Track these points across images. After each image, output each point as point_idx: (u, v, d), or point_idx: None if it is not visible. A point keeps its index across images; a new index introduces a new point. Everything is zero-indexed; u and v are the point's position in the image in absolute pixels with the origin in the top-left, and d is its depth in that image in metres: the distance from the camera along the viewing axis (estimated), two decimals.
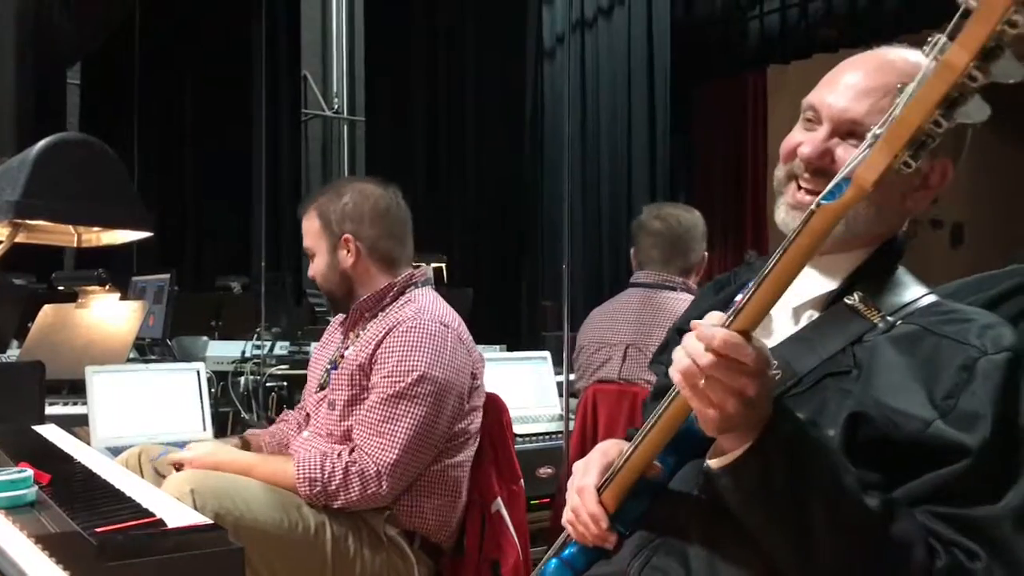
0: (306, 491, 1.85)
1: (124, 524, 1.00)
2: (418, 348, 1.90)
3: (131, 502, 1.14)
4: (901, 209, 1.15)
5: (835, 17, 5.85)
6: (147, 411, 2.60)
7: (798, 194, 1.15)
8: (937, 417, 0.97)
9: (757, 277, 0.92)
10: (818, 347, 1.08)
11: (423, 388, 1.89)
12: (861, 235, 1.13)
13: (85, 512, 1.08)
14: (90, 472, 1.37)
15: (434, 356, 1.91)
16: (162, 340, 3.63)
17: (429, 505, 1.96)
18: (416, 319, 1.94)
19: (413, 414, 1.88)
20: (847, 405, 1.01)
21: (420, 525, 1.96)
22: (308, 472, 1.86)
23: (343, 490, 1.85)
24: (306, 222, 2.14)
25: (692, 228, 2.76)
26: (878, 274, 1.14)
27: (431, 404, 1.89)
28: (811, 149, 1.13)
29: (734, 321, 0.92)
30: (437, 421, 1.91)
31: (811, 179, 1.13)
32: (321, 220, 2.10)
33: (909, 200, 1.14)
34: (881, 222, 1.13)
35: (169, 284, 3.73)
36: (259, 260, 4.68)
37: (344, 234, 2.07)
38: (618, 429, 2.30)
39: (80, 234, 1.72)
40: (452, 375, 1.93)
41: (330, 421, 2.00)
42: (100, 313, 3.12)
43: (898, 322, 1.07)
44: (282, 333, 4.32)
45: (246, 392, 3.82)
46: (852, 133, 1.11)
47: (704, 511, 1.09)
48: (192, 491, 1.68)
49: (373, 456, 1.86)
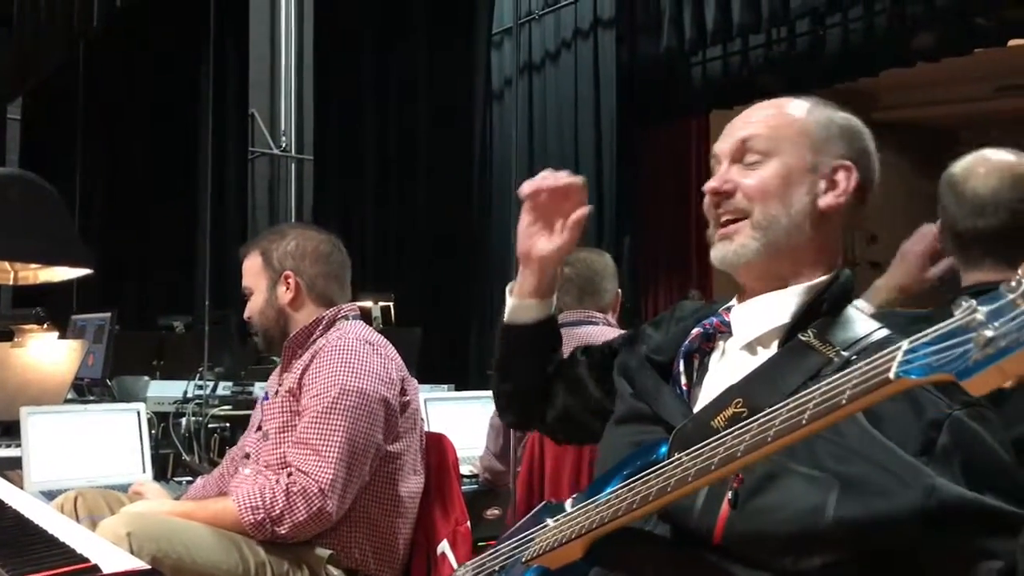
0: (250, 521, 1.82)
1: (57, 570, 0.98)
2: (341, 364, 1.94)
3: (64, 547, 1.11)
4: (815, 211, 1.20)
5: (775, 64, 6.02)
6: (85, 454, 2.54)
7: (721, 229, 1.24)
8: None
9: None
10: (778, 382, 1.10)
11: (349, 400, 1.90)
12: (785, 244, 1.19)
13: (15, 559, 1.05)
14: (21, 517, 1.33)
15: (357, 369, 1.94)
16: (101, 380, 3.55)
17: (369, 543, 1.94)
18: (339, 340, 2.00)
19: (343, 427, 1.89)
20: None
21: (362, 564, 1.94)
22: (249, 502, 1.83)
23: (288, 513, 1.83)
24: (248, 261, 2.16)
25: (602, 270, 2.80)
26: (829, 311, 1.17)
27: (360, 415, 1.91)
28: (713, 183, 1.25)
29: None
30: (370, 431, 1.93)
31: (722, 210, 1.24)
32: (263, 258, 2.13)
33: (821, 201, 1.20)
34: (798, 227, 1.20)
35: (110, 323, 3.67)
36: (203, 298, 4.62)
37: (285, 271, 2.11)
38: (565, 468, 2.30)
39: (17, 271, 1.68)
40: (377, 385, 1.96)
41: (265, 451, 1.99)
42: (37, 352, 3.04)
43: (852, 356, 1.10)
44: (225, 373, 4.25)
45: (188, 433, 3.73)
46: (743, 153, 1.23)
47: (658, 548, 1.10)
48: (129, 534, 1.64)
49: (312, 474, 1.85)
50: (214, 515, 1.86)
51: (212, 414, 3.78)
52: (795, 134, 1.22)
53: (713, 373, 1.24)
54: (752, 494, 1.02)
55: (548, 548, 1.12)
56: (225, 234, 6.63)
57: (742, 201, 1.22)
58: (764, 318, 1.21)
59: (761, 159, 1.22)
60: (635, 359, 1.33)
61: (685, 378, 1.24)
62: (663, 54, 6.23)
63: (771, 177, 1.21)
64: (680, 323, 1.35)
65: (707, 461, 0.94)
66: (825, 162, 1.21)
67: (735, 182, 1.23)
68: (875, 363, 0.80)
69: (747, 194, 1.21)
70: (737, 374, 1.17)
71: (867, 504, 0.96)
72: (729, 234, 1.22)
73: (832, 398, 0.83)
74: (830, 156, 1.22)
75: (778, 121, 1.24)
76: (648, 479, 1.02)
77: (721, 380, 1.20)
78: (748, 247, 1.20)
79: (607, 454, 1.29)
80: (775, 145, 1.22)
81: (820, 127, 1.23)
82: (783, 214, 1.19)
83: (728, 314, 1.25)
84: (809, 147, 1.22)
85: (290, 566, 1.86)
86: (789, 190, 1.20)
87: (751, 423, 0.91)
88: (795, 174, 1.20)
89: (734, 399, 1.10)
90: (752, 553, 1.02)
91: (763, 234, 1.19)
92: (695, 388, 1.24)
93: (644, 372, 1.28)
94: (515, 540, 1.26)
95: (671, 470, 0.99)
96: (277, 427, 1.99)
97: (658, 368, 1.28)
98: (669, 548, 1.10)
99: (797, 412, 0.86)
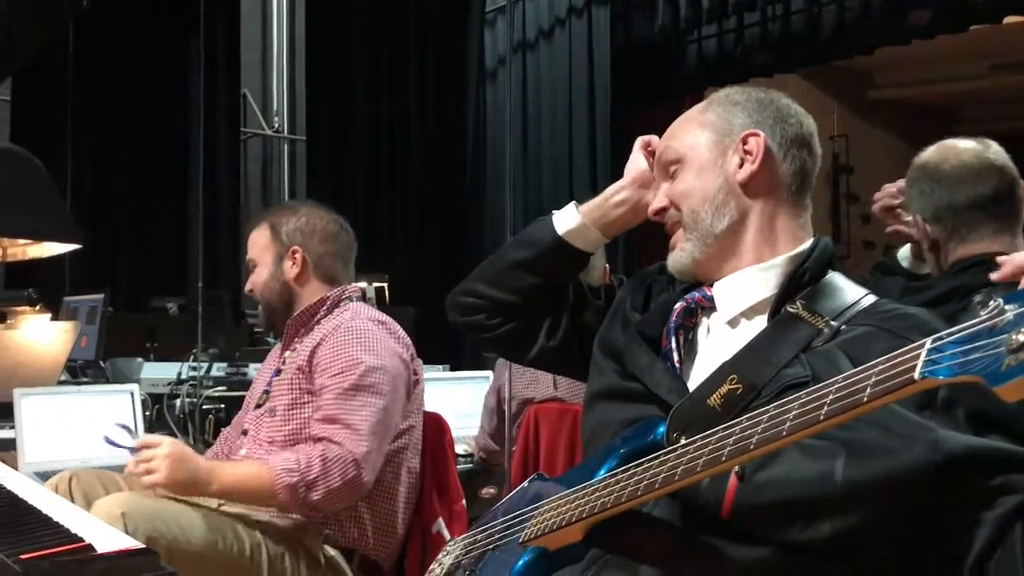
0: (285, 483, 1.79)
1: (51, 550, 0.97)
2: (361, 344, 1.96)
3: (59, 527, 1.10)
4: (735, 188, 1.24)
5: (770, 43, 5.99)
6: (79, 435, 2.53)
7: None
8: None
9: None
10: (771, 357, 1.11)
11: (374, 377, 1.93)
12: (720, 231, 1.23)
13: (9, 538, 1.04)
14: (15, 497, 1.33)
15: (377, 348, 1.97)
16: (95, 362, 3.54)
17: (368, 521, 1.94)
18: (353, 320, 2.02)
19: (372, 403, 1.91)
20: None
21: (360, 543, 1.93)
22: (283, 465, 1.82)
23: (323, 478, 1.82)
24: (255, 233, 2.17)
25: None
26: (812, 280, 1.18)
27: (386, 392, 1.93)
28: (652, 206, 1.34)
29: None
30: (395, 409, 1.95)
31: (667, 228, 1.32)
32: (272, 231, 2.14)
33: (738, 175, 1.24)
34: (726, 208, 1.24)
35: (103, 304, 3.65)
36: (196, 280, 4.60)
37: (293, 246, 2.12)
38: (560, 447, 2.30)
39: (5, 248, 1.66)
40: (397, 364, 1.99)
41: (272, 428, 1.99)
42: (30, 334, 3.03)
43: (842, 326, 1.10)
44: (219, 354, 4.24)
45: (182, 415, 3.72)
46: (665, 169, 1.31)
47: (657, 529, 1.10)
48: (123, 514, 1.63)
49: (346, 445, 1.85)
50: (246, 476, 1.83)
51: (206, 395, 3.77)
52: (697, 129, 1.29)
53: (703, 350, 1.24)
54: (759, 466, 1.02)
55: (547, 530, 1.12)
56: (218, 215, 6.60)
57: (674, 212, 1.29)
58: (748, 292, 1.22)
59: (678, 166, 1.28)
60: (621, 336, 1.32)
61: (677, 355, 1.24)
62: (658, 32, 6.19)
63: (687, 177, 1.27)
64: (660, 293, 1.37)
65: (716, 451, 0.93)
66: (732, 139, 1.26)
67: (665, 196, 1.30)
68: (898, 361, 0.78)
69: (674, 202, 1.28)
70: (727, 349, 1.17)
71: (874, 466, 0.96)
72: (673, 244, 1.29)
73: (851, 395, 0.81)
74: (735, 132, 1.26)
75: (681, 125, 1.31)
76: (651, 465, 1.01)
77: (711, 356, 1.20)
78: (686, 250, 1.26)
79: (598, 432, 1.28)
80: (683, 147, 1.28)
81: (718, 113, 1.28)
82: (704, 204, 1.24)
83: (710, 289, 1.26)
84: (712, 134, 1.27)
85: (286, 547, 1.86)
86: (705, 180, 1.25)
87: (762, 414, 0.90)
88: (705, 163, 1.26)
89: (728, 376, 1.11)
90: (761, 525, 1.02)
91: (694, 233, 1.25)
92: (686, 364, 1.24)
93: (636, 348, 1.28)
94: (508, 518, 1.26)
95: (676, 458, 0.98)
96: (286, 404, 1.99)
97: (648, 342, 1.28)
98: (669, 530, 1.10)
99: (814, 407, 0.85)
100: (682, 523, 1.09)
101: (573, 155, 6.71)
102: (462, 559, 1.30)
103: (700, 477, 0.96)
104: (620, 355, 1.29)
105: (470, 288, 1.50)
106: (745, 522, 1.03)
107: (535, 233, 1.46)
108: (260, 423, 2.04)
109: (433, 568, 1.35)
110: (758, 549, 1.02)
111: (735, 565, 1.03)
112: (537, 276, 1.43)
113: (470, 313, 1.49)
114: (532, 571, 1.14)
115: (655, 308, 1.33)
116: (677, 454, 0.98)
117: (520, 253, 1.45)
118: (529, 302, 1.44)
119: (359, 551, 1.95)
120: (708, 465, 0.94)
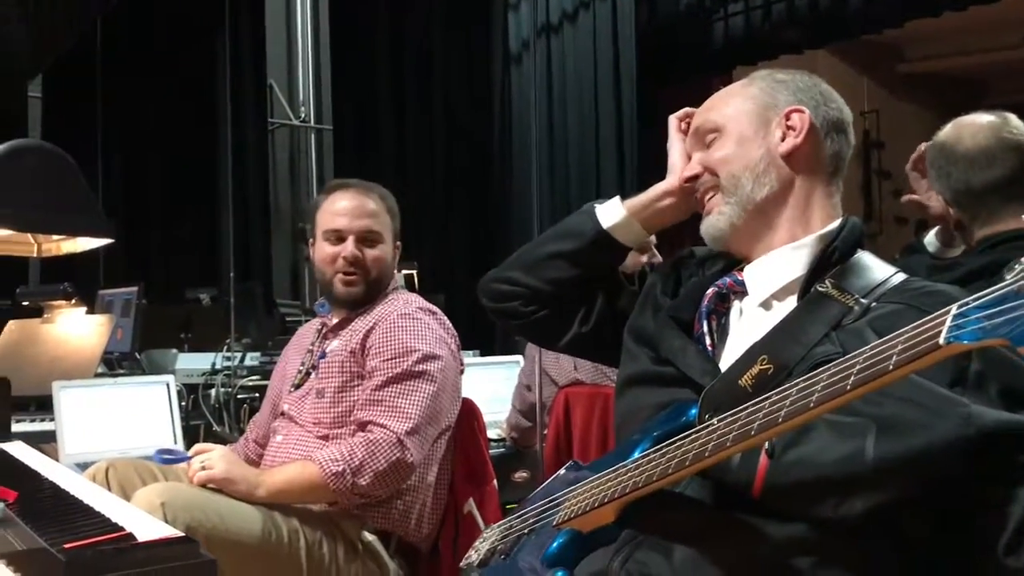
0: (332, 472, 1.83)
1: (93, 539, 0.99)
2: (415, 331, 1.98)
3: (100, 517, 1.12)
4: (777, 159, 1.24)
5: (798, 18, 5.91)
6: (116, 426, 2.57)
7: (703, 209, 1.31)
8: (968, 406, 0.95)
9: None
10: (801, 336, 1.10)
11: (427, 365, 1.95)
12: (759, 199, 1.23)
13: (53, 528, 1.06)
14: (58, 488, 1.35)
15: (430, 337, 1.99)
16: (130, 354, 3.59)
17: (405, 502, 1.96)
18: (406, 308, 2.04)
19: (423, 389, 1.93)
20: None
21: (399, 526, 1.95)
22: (328, 455, 1.85)
23: (369, 462, 1.84)
24: (374, 205, 2.11)
25: None
26: (841, 258, 1.18)
27: (438, 380, 1.95)
28: (684, 173, 1.34)
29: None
30: (443, 396, 1.97)
31: (699, 193, 1.31)
32: (389, 214, 2.14)
33: (780, 147, 1.24)
34: (767, 177, 1.24)
35: (137, 297, 3.69)
36: (228, 271, 4.64)
37: (397, 232, 2.15)
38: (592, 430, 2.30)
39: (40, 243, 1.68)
40: (447, 353, 2.01)
41: (319, 409, 2.00)
42: (66, 328, 3.08)
43: (872, 304, 1.10)
44: (253, 344, 4.28)
45: (217, 404, 3.78)
46: (701, 139, 1.31)
47: (689, 509, 1.10)
48: (163, 504, 1.65)
49: (390, 426, 1.87)
50: (294, 474, 1.87)
51: (241, 385, 3.82)
52: (739, 101, 1.29)
53: (735, 332, 1.24)
54: (790, 444, 1.01)
55: (580, 512, 1.12)
56: (247, 206, 6.65)
57: (709, 178, 1.28)
58: (778, 273, 1.22)
59: (716, 135, 1.28)
60: (652, 321, 1.32)
61: (709, 339, 1.24)
62: (683, 11, 6.15)
63: (726, 144, 1.27)
64: (690, 277, 1.37)
65: (746, 426, 0.93)
66: (775, 113, 1.26)
67: (700, 163, 1.30)
68: (923, 328, 0.78)
69: (711, 168, 1.28)
70: (758, 331, 1.16)
71: (906, 441, 0.95)
72: (709, 208, 1.28)
73: (878, 363, 0.81)
74: (780, 107, 1.26)
75: (721, 98, 1.32)
76: (682, 443, 1.01)
77: (743, 338, 1.20)
78: (724, 213, 1.25)
79: (630, 417, 1.28)
80: (723, 118, 1.28)
81: (762, 87, 1.29)
82: (746, 171, 1.24)
83: (741, 273, 1.25)
84: (755, 106, 1.27)
85: (324, 533, 1.87)
86: (746, 149, 1.25)
87: (791, 388, 0.90)
88: (748, 133, 1.26)
89: (759, 356, 1.10)
90: (793, 503, 1.01)
91: (733, 196, 1.25)
92: (718, 348, 1.24)
93: (668, 332, 1.27)
94: (542, 503, 1.26)
95: (706, 435, 0.98)
96: (336, 386, 2.00)
97: (681, 326, 1.27)
98: (702, 509, 1.10)
99: (841, 377, 0.84)
100: (713, 503, 1.09)
101: (600, 138, 6.68)
102: (498, 544, 1.30)
103: (730, 452, 0.95)
104: (652, 340, 1.29)
105: (505, 275, 1.49)
106: (776, 501, 1.02)
107: (577, 225, 1.44)
108: (303, 404, 2.04)
109: (470, 555, 1.36)
110: (792, 527, 1.02)
111: (769, 543, 1.03)
112: (577, 267, 1.43)
113: (504, 299, 1.49)
114: (565, 553, 1.15)
115: (686, 292, 1.32)
116: (707, 432, 0.98)
117: (560, 244, 1.44)
118: (565, 292, 1.44)
119: (396, 534, 1.96)
120: (738, 440, 0.93)
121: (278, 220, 7.44)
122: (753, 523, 1.04)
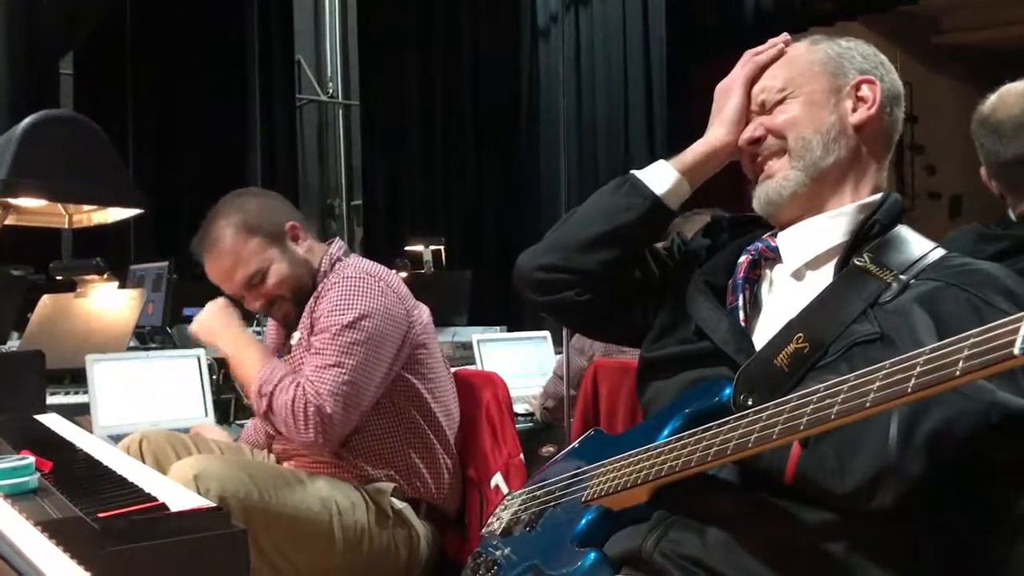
0: (256, 391, 1.89)
1: (126, 509, 1.00)
2: (350, 293, 1.93)
3: (133, 487, 1.14)
4: (847, 128, 1.22)
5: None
6: (148, 398, 2.61)
7: (762, 174, 1.26)
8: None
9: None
10: (838, 313, 1.09)
11: (365, 324, 1.90)
12: (825, 166, 1.20)
13: (87, 498, 1.07)
14: (92, 459, 1.37)
15: (367, 299, 1.93)
16: (162, 327, 3.62)
17: (424, 468, 1.99)
18: (339, 273, 2.00)
19: (356, 348, 1.89)
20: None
21: (425, 493, 1.99)
22: (270, 377, 1.89)
23: (280, 393, 1.86)
24: (228, 248, 2.08)
25: None
26: (881, 231, 1.16)
27: (374, 337, 1.90)
28: (746, 133, 1.29)
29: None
30: (380, 352, 1.92)
31: (760, 158, 1.27)
32: (247, 231, 2.07)
33: (852, 118, 1.22)
34: (836, 145, 1.21)
35: (168, 272, 3.72)
36: None
37: (283, 226, 2.07)
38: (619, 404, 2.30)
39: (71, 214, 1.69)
40: (381, 311, 1.94)
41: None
42: (99, 302, 3.12)
43: (911, 280, 1.08)
44: None
45: None
46: (764, 104, 1.26)
47: (724, 492, 1.09)
48: (195, 476, 1.68)
49: (311, 376, 1.87)
50: (250, 368, 1.95)
51: None
52: (806, 65, 1.25)
53: (767, 304, 1.22)
54: (822, 434, 1.00)
55: (612, 490, 1.12)
56: (277, 181, 6.68)
57: (774, 141, 1.24)
58: (815, 241, 1.19)
59: (782, 100, 1.24)
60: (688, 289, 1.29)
61: (743, 312, 1.22)
62: None
63: (796, 108, 1.23)
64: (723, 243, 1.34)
65: (794, 420, 0.91)
66: (846, 82, 1.23)
67: (764, 127, 1.25)
68: (994, 335, 0.75)
69: (777, 131, 1.24)
70: (791, 305, 1.15)
71: (934, 425, 0.94)
72: (771, 172, 1.24)
73: (942, 367, 0.78)
74: (849, 75, 1.23)
75: (787, 63, 1.28)
76: (720, 431, 1.00)
77: (776, 312, 1.18)
78: (790, 178, 1.21)
79: (663, 390, 1.27)
80: (791, 83, 1.25)
81: (829, 54, 1.25)
82: (816, 136, 1.21)
83: (774, 239, 1.23)
84: (824, 73, 1.24)
85: (355, 501, 1.90)
86: (817, 113, 1.22)
87: (843, 383, 0.88)
88: (818, 99, 1.22)
89: (795, 335, 1.09)
90: (824, 492, 1.01)
91: (801, 161, 1.21)
92: (751, 321, 1.22)
93: (700, 299, 1.25)
94: (567, 476, 1.26)
95: (748, 424, 0.97)
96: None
97: (714, 291, 1.25)
98: (737, 493, 1.09)
99: (900, 378, 0.82)
100: (746, 487, 1.09)
101: (629, 112, 6.62)
102: (521, 514, 1.30)
103: (775, 445, 0.94)
104: (686, 310, 1.27)
105: (551, 264, 1.36)
106: (808, 488, 1.01)
107: (624, 199, 1.32)
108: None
109: (491, 522, 1.37)
110: (826, 511, 1.01)
111: (805, 527, 1.02)
112: (630, 245, 1.33)
113: (555, 291, 1.36)
114: (595, 530, 1.15)
115: (719, 256, 1.31)
116: (749, 420, 0.97)
117: (609, 222, 1.32)
118: (618, 273, 1.34)
119: (425, 500, 2.00)
120: (784, 433, 0.92)
121: (306, 195, 7.47)
122: (787, 507, 1.04)
